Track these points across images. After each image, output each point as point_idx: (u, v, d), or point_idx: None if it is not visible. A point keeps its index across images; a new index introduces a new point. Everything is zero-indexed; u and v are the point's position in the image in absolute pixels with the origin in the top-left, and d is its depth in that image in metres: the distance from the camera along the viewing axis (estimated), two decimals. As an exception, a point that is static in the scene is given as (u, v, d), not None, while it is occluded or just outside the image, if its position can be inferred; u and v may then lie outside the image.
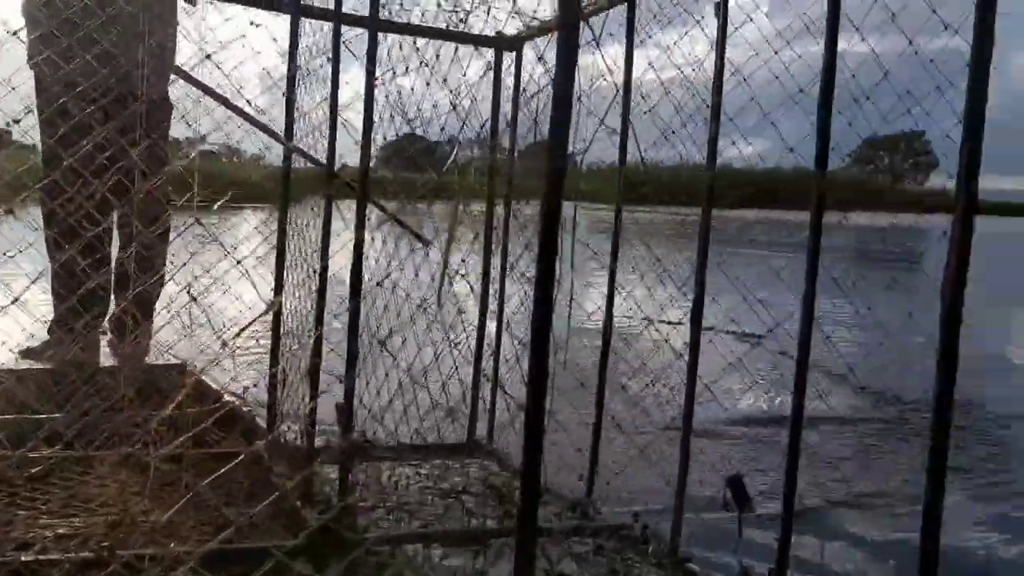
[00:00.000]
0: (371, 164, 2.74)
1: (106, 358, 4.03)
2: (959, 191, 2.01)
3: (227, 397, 3.32)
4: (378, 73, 2.88)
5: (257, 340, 3.88)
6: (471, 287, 3.68)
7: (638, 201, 3.17)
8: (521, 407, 1.60)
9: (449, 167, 3.67)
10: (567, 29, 1.66)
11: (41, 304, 3.91)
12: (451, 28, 3.50)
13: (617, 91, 3.00)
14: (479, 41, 3.65)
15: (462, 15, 3.56)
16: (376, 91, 2.61)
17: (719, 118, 2.67)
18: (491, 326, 3.77)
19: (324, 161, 2.84)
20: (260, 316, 1.94)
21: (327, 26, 2.98)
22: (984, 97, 1.97)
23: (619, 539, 2.81)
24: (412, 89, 3.36)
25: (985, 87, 1.97)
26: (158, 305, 3.97)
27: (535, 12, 3.56)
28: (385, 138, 3.33)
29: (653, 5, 2.96)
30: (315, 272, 2.79)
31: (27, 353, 3.87)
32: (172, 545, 2.28)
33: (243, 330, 1.86)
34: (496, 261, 3.76)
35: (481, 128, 3.64)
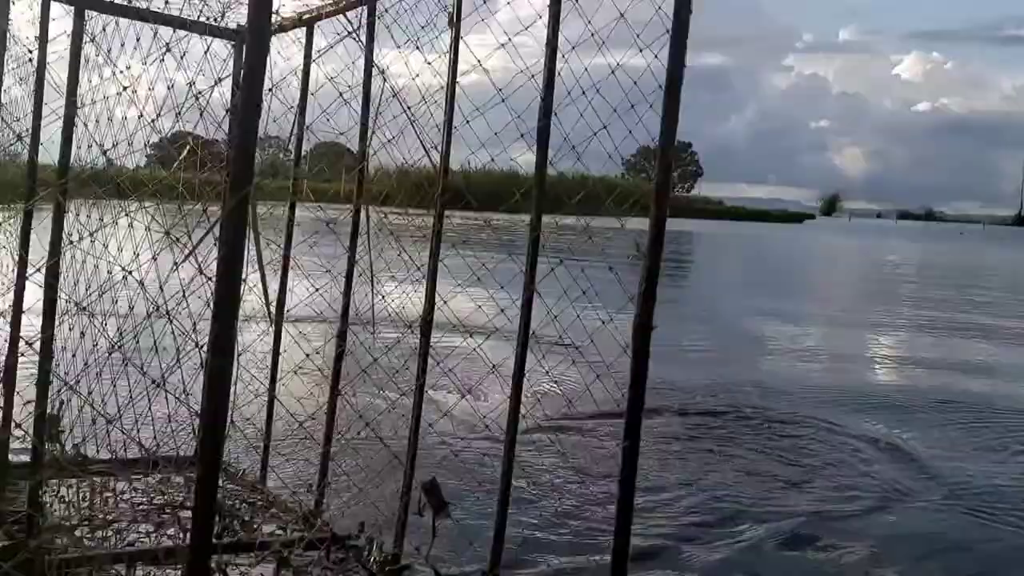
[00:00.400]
0: (142, 163, 2.69)
1: None
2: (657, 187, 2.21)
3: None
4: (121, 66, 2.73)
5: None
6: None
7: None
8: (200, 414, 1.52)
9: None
10: (255, 33, 1.57)
11: None
12: (193, 18, 3.27)
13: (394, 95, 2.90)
14: (218, 33, 3.47)
15: (218, 8, 3.38)
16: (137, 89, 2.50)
17: (451, 127, 2.71)
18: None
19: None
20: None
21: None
22: (676, 111, 2.20)
23: (344, 549, 2.76)
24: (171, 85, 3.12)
25: (677, 103, 2.20)
26: None
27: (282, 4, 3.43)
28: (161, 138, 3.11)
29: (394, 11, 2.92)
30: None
31: None
32: None
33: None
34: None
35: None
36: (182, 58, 2.96)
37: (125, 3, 3.05)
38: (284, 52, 3.44)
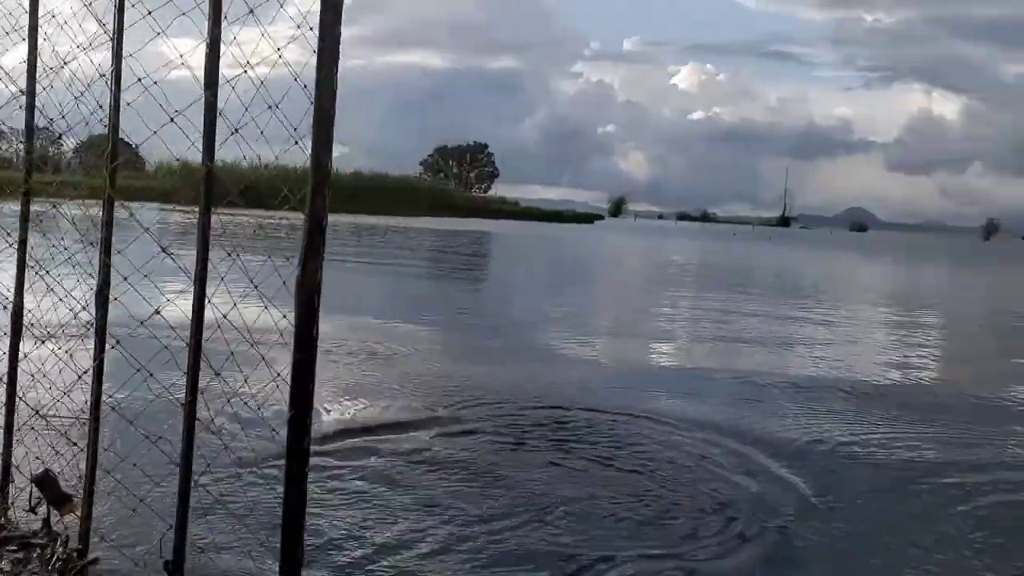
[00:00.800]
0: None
1: None
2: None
3: None
4: None
5: None
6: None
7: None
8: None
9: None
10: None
11: None
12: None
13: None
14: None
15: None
16: None
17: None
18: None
19: None
20: None
21: None
22: (330, 112, 2.22)
23: (26, 547, 2.64)
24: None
25: (331, 104, 2.21)
26: None
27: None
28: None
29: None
30: None
31: None
32: None
33: None
34: None
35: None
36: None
37: None
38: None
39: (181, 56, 2.43)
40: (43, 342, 2.89)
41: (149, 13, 2.45)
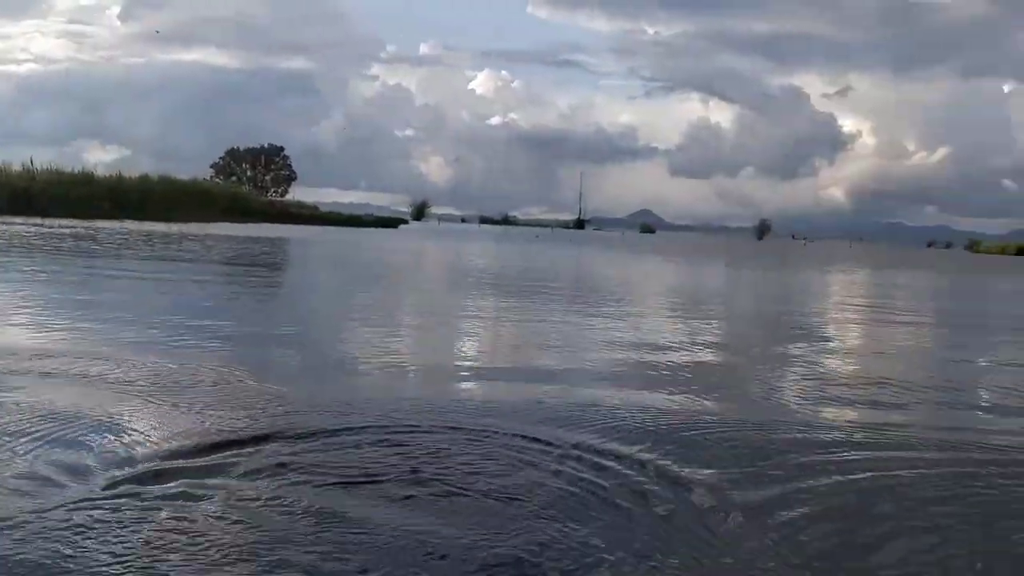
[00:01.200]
0: None
1: None
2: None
3: None
4: None
5: None
6: None
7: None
8: None
9: None
10: None
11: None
12: None
13: None
14: None
15: None
16: None
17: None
18: None
19: None
20: None
21: None
22: None
23: None
24: None
25: None
26: None
27: None
28: None
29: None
30: None
31: None
32: None
33: None
34: None
35: None
36: None
37: None
38: None
39: None
40: None
41: None
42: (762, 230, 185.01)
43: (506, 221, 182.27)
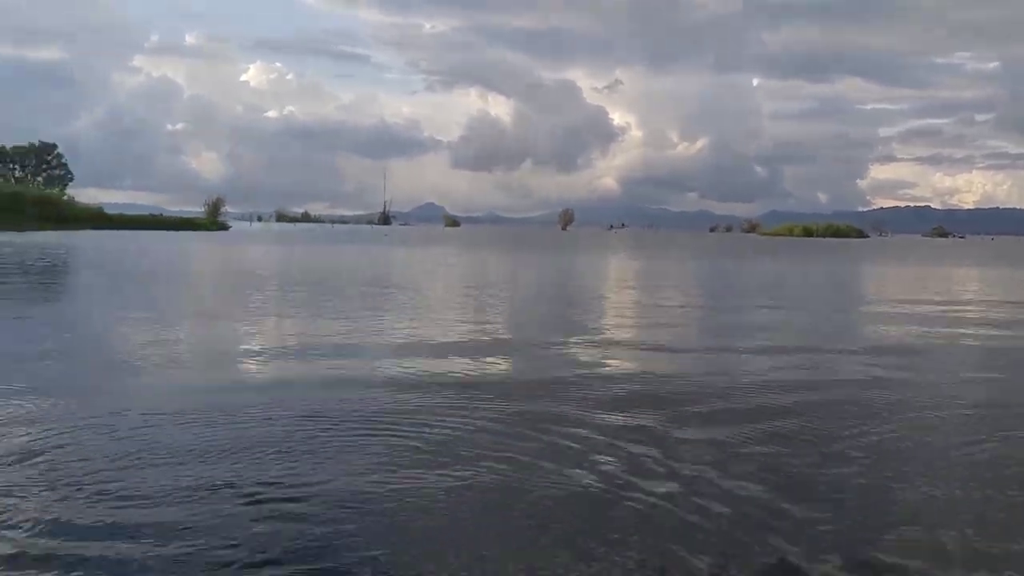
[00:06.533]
0: None
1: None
2: None
3: None
4: None
5: None
6: None
7: None
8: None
9: None
10: None
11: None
12: None
13: None
14: None
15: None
16: None
17: None
18: None
19: None
20: None
21: None
22: None
23: None
24: None
25: None
26: None
27: None
28: None
29: None
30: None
31: None
32: None
33: None
34: None
35: None
36: None
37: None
38: None
39: None
40: None
41: None
42: (566, 220, 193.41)
43: (307, 218, 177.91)
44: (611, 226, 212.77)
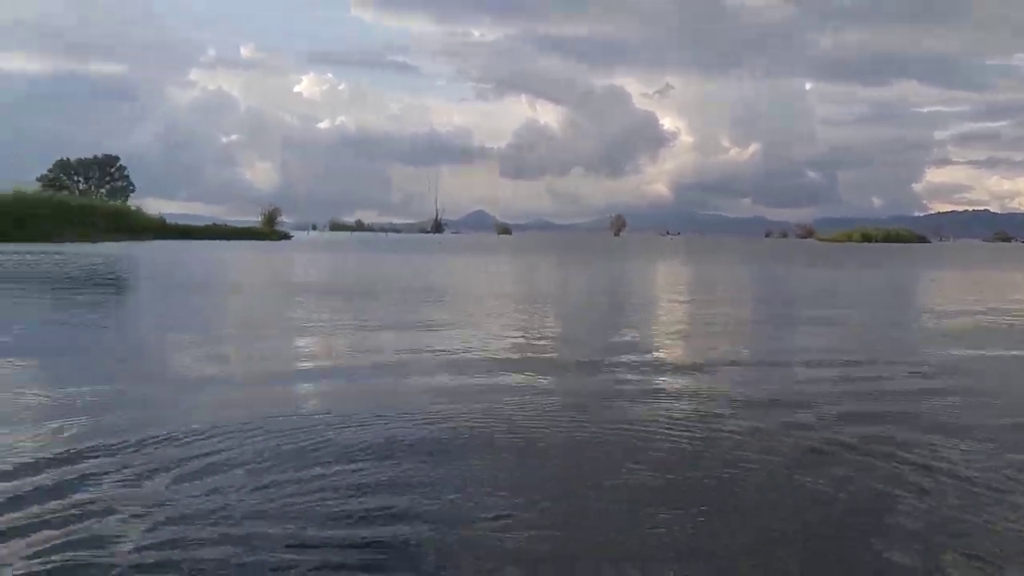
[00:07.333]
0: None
1: None
2: None
3: None
4: None
5: None
6: None
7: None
8: None
9: None
10: None
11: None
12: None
13: None
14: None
15: None
16: None
17: None
18: None
19: None
20: None
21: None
22: None
23: None
24: None
25: None
26: None
27: None
28: None
29: None
30: None
31: None
32: None
33: None
34: None
35: None
36: None
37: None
38: None
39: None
40: None
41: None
42: (619, 226, 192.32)
43: (360, 227, 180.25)
44: (667, 232, 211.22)
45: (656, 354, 10.07)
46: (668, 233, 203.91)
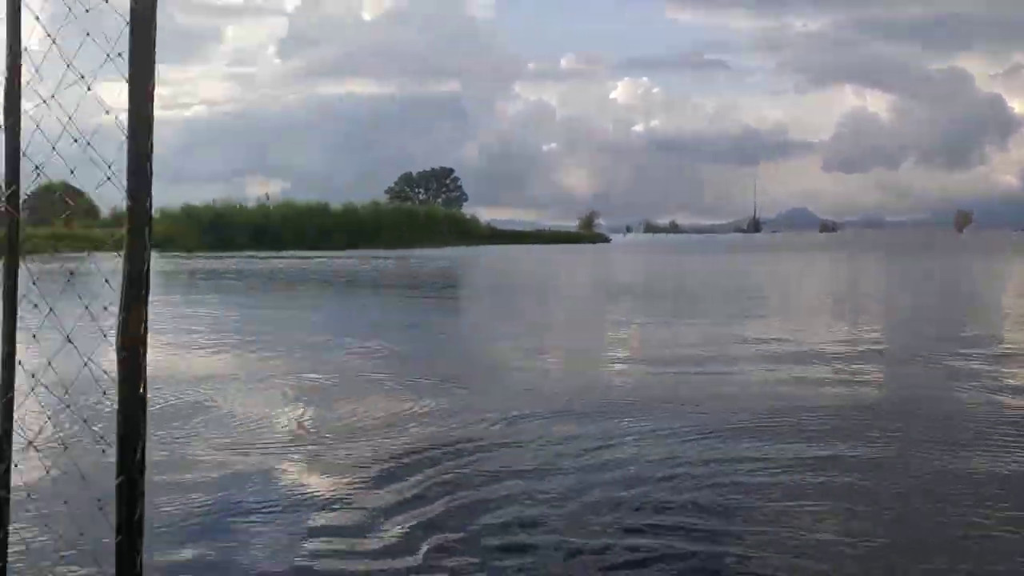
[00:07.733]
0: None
1: None
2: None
3: None
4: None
5: None
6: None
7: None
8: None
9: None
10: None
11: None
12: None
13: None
14: None
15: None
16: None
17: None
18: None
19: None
20: None
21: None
22: (146, 145, 1.88)
23: None
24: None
25: (146, 137, 1.86)
26: None
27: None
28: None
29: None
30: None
31: None
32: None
33: None
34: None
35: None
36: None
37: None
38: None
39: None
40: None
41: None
42: (961, 222, 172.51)
43: (674, 228, 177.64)
44: (1023, 228, 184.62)
45: None
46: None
